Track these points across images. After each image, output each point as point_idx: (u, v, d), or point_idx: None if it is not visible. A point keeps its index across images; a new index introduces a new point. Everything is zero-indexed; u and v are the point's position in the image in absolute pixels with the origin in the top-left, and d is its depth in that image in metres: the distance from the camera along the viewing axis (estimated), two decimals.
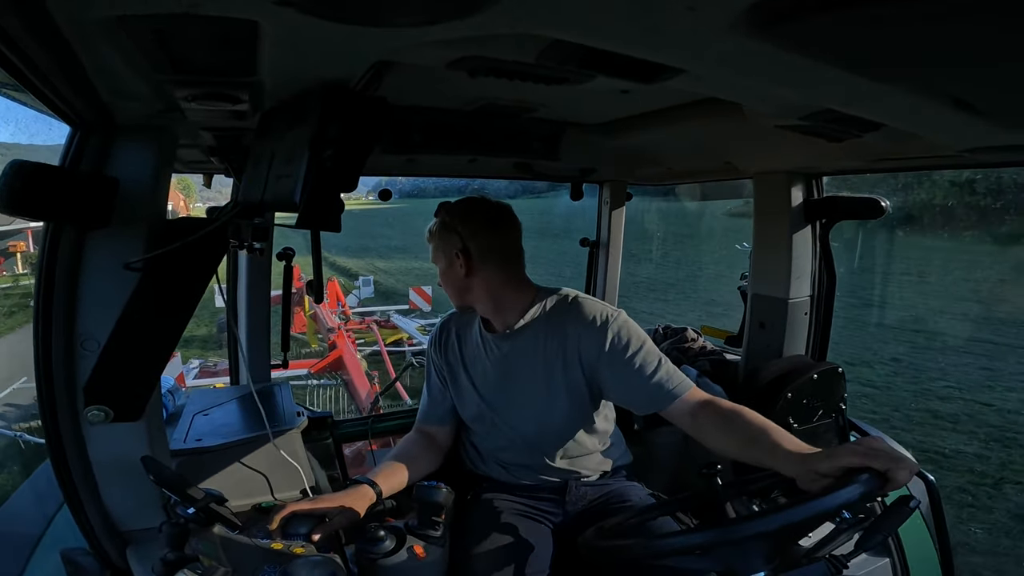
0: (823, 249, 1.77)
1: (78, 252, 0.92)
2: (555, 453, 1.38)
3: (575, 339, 1.30)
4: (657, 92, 0.97)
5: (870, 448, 0.83)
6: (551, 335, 1.32)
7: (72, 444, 0.96)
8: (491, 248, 1.34)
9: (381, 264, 21.60)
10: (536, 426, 1.36)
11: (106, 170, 0.92)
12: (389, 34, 0.56)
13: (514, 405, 1.37)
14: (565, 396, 1.33)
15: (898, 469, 0.80)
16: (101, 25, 0.56)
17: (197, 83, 0.73)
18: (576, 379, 1.32)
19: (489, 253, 1.33)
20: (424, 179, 2.05)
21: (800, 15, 0.47)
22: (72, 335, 0.93)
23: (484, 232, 1.33)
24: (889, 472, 0.80)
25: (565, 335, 1.31)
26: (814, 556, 0.82)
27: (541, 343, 1.33)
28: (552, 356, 1.32)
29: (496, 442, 1.42)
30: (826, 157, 1.45)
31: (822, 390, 1.64)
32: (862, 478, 0.79)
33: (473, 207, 1.36)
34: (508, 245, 1.36)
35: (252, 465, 1.32)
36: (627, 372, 1.25)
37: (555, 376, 1.33)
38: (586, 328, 1.29)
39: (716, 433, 1.14)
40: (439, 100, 1.20)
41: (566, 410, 1.34)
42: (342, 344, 7.34)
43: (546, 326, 1.34)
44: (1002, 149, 1.00)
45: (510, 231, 1.38)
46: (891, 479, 0.80)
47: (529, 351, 1.34)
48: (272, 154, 0.83)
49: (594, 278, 2.43)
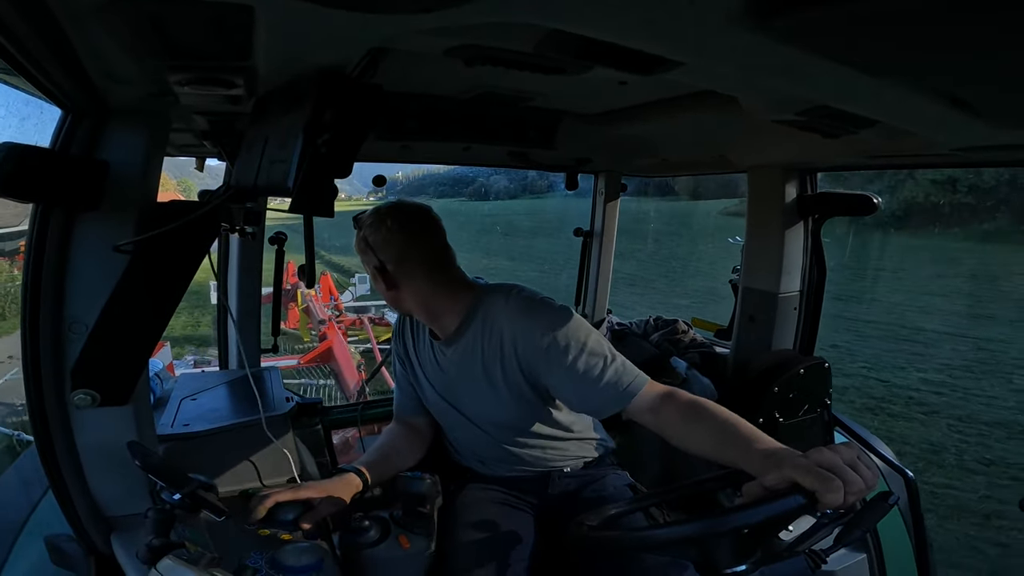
0: (814, 245, 1.78)
1: (67, 235, 0.91)
2: (524, 450, 1.37)
3: (511, 342, 1.22)
4: (655, 84, 0.96)
5: (815, 463, 0.79)
6: (489, 338, 1.25)
7: (58, 429, 0.96)
8: (408, 258, 1.25)
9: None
10: (495, 428, 1.35)
11: (97, 153, 0.91)
12: (385, 20, 0.56)
13: (469, 409, 1.36)
14: (510, 398, 1.27)
15: (827, 491, 0.76)
16: (94, 7, 0.55)
17: (191, 68, 0.72)
18: (517, 381, 1.25)
19: (408, 264, 1.25)
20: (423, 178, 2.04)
21: (798, 9, 0.47)
22: (60, 318, 0.92)
23: (398, 244, 1.25)
24: (816, 493, 0.77)
25: (501, 338, 1.23)
26: (794, 551, 0.84)
27: (480, 347, 1.26)
28: (490, 360, 1.26)
29: (465, 437, 1.42)
30: (821, 153, 1.46)
31: (808, 385, 1.66)
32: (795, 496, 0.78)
33: (382, 218, 1.26)
34: (428, 252, 1.27)
35: (240, 451, 1.32)
36: (571, 378, 1.15)
37: (495, 379, 1.26)
38: (522, 330, 1.20)
39: (681, 427, 1.06)
40: (435, 87, 1.19)
41: (517, 412, 1.30)
42: (332, 335, 7.33)
43: (483, 329, 1.26)
44: (995, 148, 1.00)
45: (429, 237, 1.28)
46: (819, 500, 0.77)
47: (469, 356, 1.28)
48: (266, 139, 0.82)
49: (587, 268, 2.43)
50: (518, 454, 1.38)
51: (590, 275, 2.43)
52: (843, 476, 0.78)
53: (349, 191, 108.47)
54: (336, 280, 11.44)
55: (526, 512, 1.35)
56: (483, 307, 1.27)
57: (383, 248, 1.25)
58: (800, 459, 0.81)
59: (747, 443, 0.94)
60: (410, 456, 1.40)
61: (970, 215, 17.03)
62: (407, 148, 1.62)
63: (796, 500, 0.78)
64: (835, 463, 0.79)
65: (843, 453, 0.81)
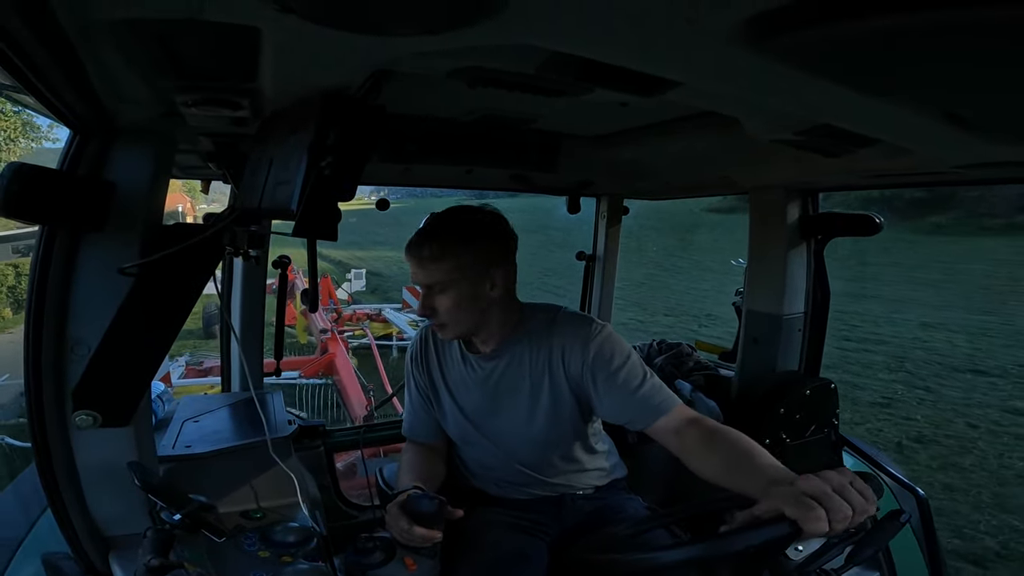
0: (817, 265, 1.78)
1: (72, 256, 0.91)
2: (547, 470, 1.36)
3: (559, 355, 1.27)
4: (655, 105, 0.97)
5: (801, 491, 0.81)
6: (537, 352, 1.30)
7: (59, 448, 0.95)
8: (509, 266, 1.29)
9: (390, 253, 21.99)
10: (526, 445, 1.34)
11: (103, 174, 0.92)
12: (389, 43, 0.57)
13: (503, 425, 1.35)
14: (553, 413, 1.31)
15: (807, 520, 0.78)
16: (104, 28, 0.56)
17: (198, 88, 0.73)
18: (563, 396, 1.29)
19: (507, 272, 1.28)
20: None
21: (796, 29, 0.48)
22: (63, 339, 0.92)
23: (502, 250, 1.27)
24: (798, 521, 0.79)
25: (550, 351, 1.28)
26: (805, 570, 0.82)
27: (528, 361, 1.30)
28: (539, 374, 1.30)
29: (484, 459, 1.40)
30: (822, 172, 1.46)
31: (815, 405, 1.64)
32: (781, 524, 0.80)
33: (486, 223, 1.27)
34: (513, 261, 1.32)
35: (241, 473, 1.31)
36: (611, 387, 1.22)
37: (542, 394, 1.30)
38: (570, 343, 1.26)
39: (700, 452, 1.10)
40: (437, 110, 1.21)
41: (555, 427, 1.32)
42: (335, 348, 7.25)
43: (531, 343, 1.30)
44: (993, 165, 1.01)
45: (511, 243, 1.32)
46: (802, 529, 0.79)
47: (516, 370, 1.31)
48: (271, 161, 0.83)
49: (590, 291, 2.43)
50: (537, 477, 1.36)
51: (593, 298, 2.42)
52: (827, 504, 0.79)
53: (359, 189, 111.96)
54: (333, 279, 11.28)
55: (538, 536, 1.33)
56: (530, 322, 1.32)
57: (490, 256, 1.26)
58: (787, 488, 0.83)
59: (757, 471, 0.97)
60: (439, 476, 1.39)
61: (922, 209, 17.89)
62: (409, 171, 1.64)
63: (781, 529, 0.79)
64: (821, 491, 0.80)
65: (832, 480, 0.82)
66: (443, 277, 1.22)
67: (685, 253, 18.65)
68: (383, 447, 2.40)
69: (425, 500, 1.12)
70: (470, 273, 1.23)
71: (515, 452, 1.35)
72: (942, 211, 17.81)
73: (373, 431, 2.03)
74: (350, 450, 2.01)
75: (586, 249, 2.40)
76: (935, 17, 0.44)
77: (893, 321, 10.63)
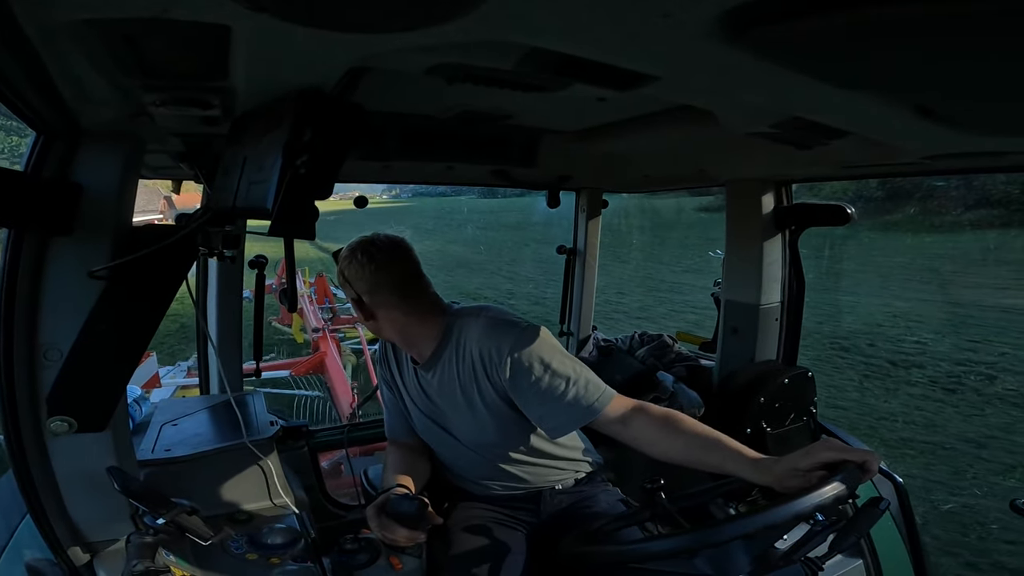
0: (792, 255, 1.81)
1: (41, 260, 0.89)
2: (515, 465, 1.36)
3: (481, 365, 1.24)
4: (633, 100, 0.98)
5: (837, 444, 0.94)
6: (462, 361, 1.27)
7: (35, 455, 0.93)
8: (380, 289, 1.27)
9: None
10: (480, 447, 1.34)
11: (70, 176, 0.90)
12: (364, 40, 0.56)
13: (453, 429, 1.35)
14: (491, 419, 1.28)
15: (872, 459, 0.89)
16: (68, 29, 0.55)
17: (166, 88, 0.71)
18: (494, 401, 1.26)
19: (380, 294, 1.28)
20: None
21: (769, 23, 0.49)
22: (34, 344, 0.90)
23: (369, 275, 1.27)
24: (866, 463, 0.89)
25: (473, 362, 1.25)
26: (790, 559, 0.84)
27: (456, 371, 1.28)
28: (467, 382, 1.27)
29: (456, 457, 1.40)
30: (795, 164, 1.49)
31: (793, 394, 1.67)
32: (847, 470, 0.86)
33: (354, 252, 1.29)
34: (398, 281, 1.28)
35: (224, 476, 1.29)
36: (537, 398, 1.18)
37: (474, 402, 1.28)
38: (488, 354, 1.22)
39: (653, 438, 1.11)
40: (416, 107, 1.20)
41: (503, 430, 1.30)
42: (326, 347, 7.15)
43: (456, 353, 1.28)
44: (961, 156, 1.04)
45: (398, 267, 1.29)
46: (867, 469, 0.89)
47: (447, 381, 1.30)
48: (244, 160, 0.82)
49: (571, 285, 2.44)
50: (511, 472, 1.37)
51: (574, 292, 2.44)
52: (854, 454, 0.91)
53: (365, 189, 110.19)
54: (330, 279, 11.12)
55: (519, 530, 1.34)
56: (455, 331, 1.29)
57: (356, 280, 1.28)
58: (827, 443, 0.95)
59: (733, 449, 1.02)
60: (425, 473, 1.39)
61: (880, 207, 18.51)
62: (388, 168, 1.62)
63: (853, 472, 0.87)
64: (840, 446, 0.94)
65: (830, 443, 0.95)
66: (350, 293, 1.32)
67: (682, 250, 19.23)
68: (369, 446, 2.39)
69: (406, 501, 1.12)
70: (350, 293, 1.32)
71: (481, 452, 1.35)
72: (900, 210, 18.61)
73: (357, 430, 2.01)
74: (335, 450, 2.00)
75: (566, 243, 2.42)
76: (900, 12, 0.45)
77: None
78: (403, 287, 1.29)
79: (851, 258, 14.65)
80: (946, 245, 15.29)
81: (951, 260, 13.69)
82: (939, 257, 14.26)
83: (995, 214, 16.47)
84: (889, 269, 13.55)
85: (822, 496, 0.81)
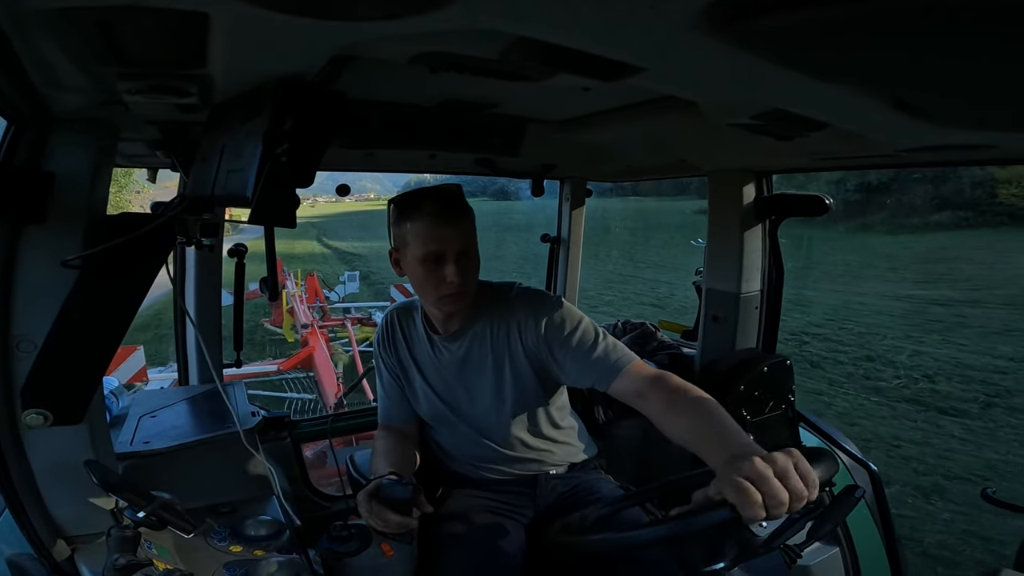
0: (772, 245, 1.83)
1: (12, 249, 0.86)
2: (518, 447, 1.38)
3: (516, 330, 1.30)
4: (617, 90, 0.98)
5: (744, 476, 0.80)
6: (496, 330, 1.32)
7: (11, 449, 0.91)
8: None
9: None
10: (494, 422, 1.36)
11: (42, 164, 0.87)
12: (346, 28, 0.55)
13: (470, 403, 1.36)
14: (517, 390, 1.33)
15: (744, 506, 0.78)
16: (39, 16, 0.53)
17: (141, 76, 0.70)
18: (524, 371, 1.32)
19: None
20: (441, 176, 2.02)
21: (753, 15, 0.49)
22: (7, 335, 0.88)
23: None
24: (736, 507, 0.79)
25: (508, 328, 1.31)
26: (769, 547, 0.86)
27: (489, 339, 1.32)
28: (500, 351, 1.32)
29: (458, 439, 1.41)
30: (776, 155, 1.50)
31: (772, 382, 1.70)
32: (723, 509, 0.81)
33: (413, 199, 1.26)
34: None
35: (205, 467, 1.28)
36: (567, 351, 1.25)
37: (504, 371, 1.32)
38: (525, 317, 1.29)
39: (666, 414, 1.10)
40: (399, 95, 1.18)
41: (521, 403, 1.35)
42: (315, 342, 7.14)
43: (491, 321, 1.32)
44: (938, 149, 1.06)
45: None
46: (741, 514, 0.79)
47: (476, 350, 1.33)
48: (223, 148, 0.80)
49: (555, 274, 2.45)
50: (510, 455, 1.38)
51: (558, 281, 2.45)
52: (765, 489, 0.78)
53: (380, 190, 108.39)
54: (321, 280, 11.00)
55: (514, 517, 1.35)
56: (489, 301, 1.34)
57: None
58: (732, 472, 0.82)
59: (719, 444, 0.95)
60: (413, 460, 1.39)
61: (855, 211, 19.33)
62: (372, 156, 1.61)
63: (722, 514, 0.80)
64: (763, 475, 0.79)
65: (777, 462, 0.81)
66: (472, 239, 1.27)
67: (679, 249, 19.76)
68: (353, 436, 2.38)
69: (399, 486, 1.11)
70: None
71: (487, 430, 1.37)
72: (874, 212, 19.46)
73: (341, 420, 2.01)
74: (318, 440, 1.99)
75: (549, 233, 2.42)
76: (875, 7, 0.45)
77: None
78: None
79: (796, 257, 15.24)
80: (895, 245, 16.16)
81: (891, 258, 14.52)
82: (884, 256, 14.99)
83: (961, 216, 17.48)
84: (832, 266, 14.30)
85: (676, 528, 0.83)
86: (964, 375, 7.20)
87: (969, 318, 9.45)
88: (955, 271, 12.76)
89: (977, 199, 17.49)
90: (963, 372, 7.30)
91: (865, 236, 17.82)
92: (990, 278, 11.82)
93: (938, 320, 9.48)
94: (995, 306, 9.87)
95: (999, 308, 9.75)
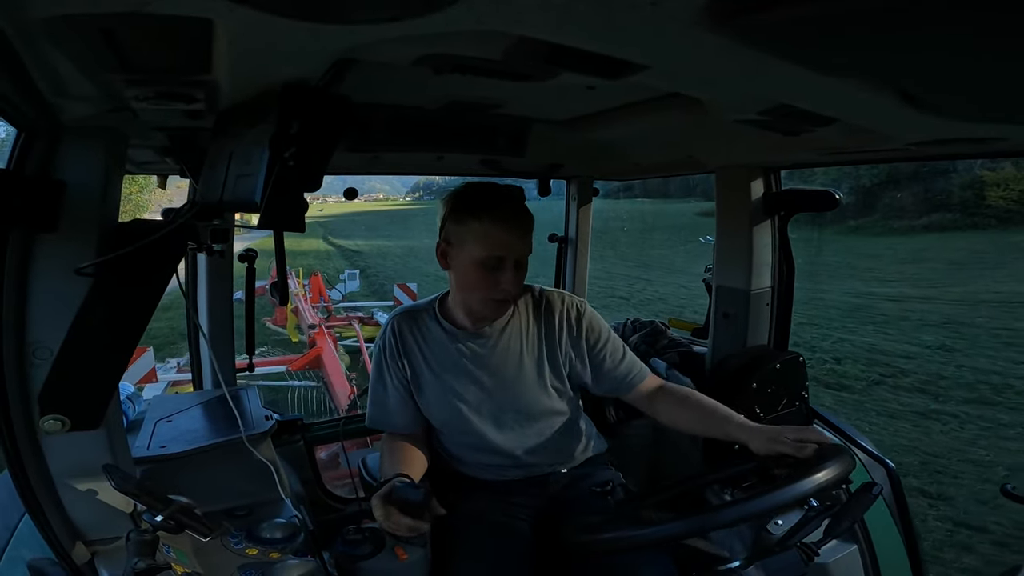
0: (782, 241, 1.81)
1: (26, 258, 0.88)
2: (535, 446, 1.38)
3: (554, 329, 1.37)
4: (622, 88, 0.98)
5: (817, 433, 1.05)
6: (528, 327, 1.36)
7: (30, 454, 0.92)
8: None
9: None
10: (516, 421, 1.37)
11: (53, 173, 0.89)
12: (348, 31, 0.56)
13: (494, 401, 1.36)
14: (544, 389, 1.36)
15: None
16: (45, 25, 0.54)
17: (148, 83, 0.70)
18: (557, 372, 1.37)
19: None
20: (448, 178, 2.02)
21: (756, 10, 0.49)
22: (23, 343, 0.89)
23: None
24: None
25: (542, 325, 1.37)
26: (786, 544, 0.85)
27: (522, 335, 1.35)
28: (532, 347, 1.36)
29: (474, 442, 1.40)
30: (783, 151, 1.49)
31: (785, 379, 1.69)
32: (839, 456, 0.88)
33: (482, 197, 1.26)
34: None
35: (220, 471, 1.29)
36: (600, 361, 1.39)
37: (533, 367, 1.36)
38: (563, 321, 1.38)
39: (671, 411, 1.34)
40: (404, 97, 1.19)
41: (546, 403, 1.37)
42: (322, 342, 7.14)
43: (522, 318, 1.36)
44: (947, 142, 1.04)
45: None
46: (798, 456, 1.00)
47: (509, 344, 1.35)
48: (231, 154, 0.81)
49: (563, 274, 2.45)
50: (527, 456, 1.38)
51: (566, 281, 2.44)
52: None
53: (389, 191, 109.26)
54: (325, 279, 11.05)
55: (525, 518, 1.35)
56: (528, 297, 1.42)
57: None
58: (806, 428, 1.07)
59: (730, 416, 1.22)
60: (426, 460, 1.37)
61: (847, 213, 19.56)
62: (378, 159, 1.61)
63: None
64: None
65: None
66: (530, 249, 1.28)
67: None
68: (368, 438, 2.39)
69: (412, 489, 1.11)
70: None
71: (505, 429, 1.37)
72: (866, 214, 19.76)
73: (353, 422, 2.02)
74: (331, 443, 2.00)
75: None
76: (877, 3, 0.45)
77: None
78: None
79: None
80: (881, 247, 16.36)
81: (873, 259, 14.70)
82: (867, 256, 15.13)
83: (949, 218, 17.75)
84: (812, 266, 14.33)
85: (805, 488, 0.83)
86: (871, 359, 7.47)
87: (914, 312, 9.78)
88: (923, 271, 13.02)
89: (966, 201, 17.80)
90: (872, 356, 7.58)
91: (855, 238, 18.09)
92: (952, 277, 12.11)
93: (883, 314, 9.79)
94: (944, 303, 10.21)
95: (947, 304, 10.08)
